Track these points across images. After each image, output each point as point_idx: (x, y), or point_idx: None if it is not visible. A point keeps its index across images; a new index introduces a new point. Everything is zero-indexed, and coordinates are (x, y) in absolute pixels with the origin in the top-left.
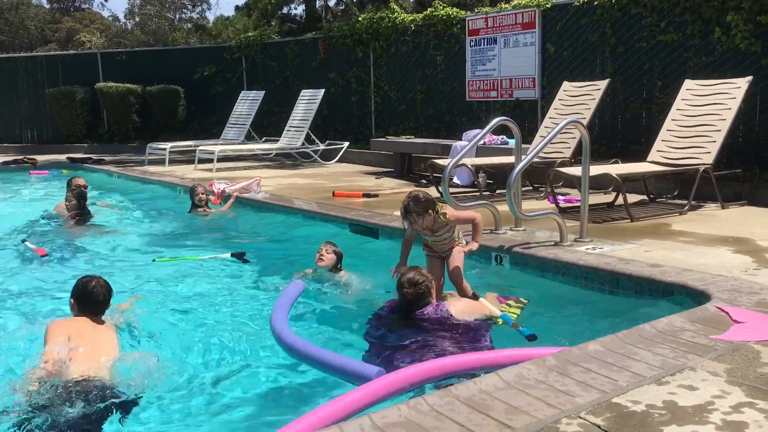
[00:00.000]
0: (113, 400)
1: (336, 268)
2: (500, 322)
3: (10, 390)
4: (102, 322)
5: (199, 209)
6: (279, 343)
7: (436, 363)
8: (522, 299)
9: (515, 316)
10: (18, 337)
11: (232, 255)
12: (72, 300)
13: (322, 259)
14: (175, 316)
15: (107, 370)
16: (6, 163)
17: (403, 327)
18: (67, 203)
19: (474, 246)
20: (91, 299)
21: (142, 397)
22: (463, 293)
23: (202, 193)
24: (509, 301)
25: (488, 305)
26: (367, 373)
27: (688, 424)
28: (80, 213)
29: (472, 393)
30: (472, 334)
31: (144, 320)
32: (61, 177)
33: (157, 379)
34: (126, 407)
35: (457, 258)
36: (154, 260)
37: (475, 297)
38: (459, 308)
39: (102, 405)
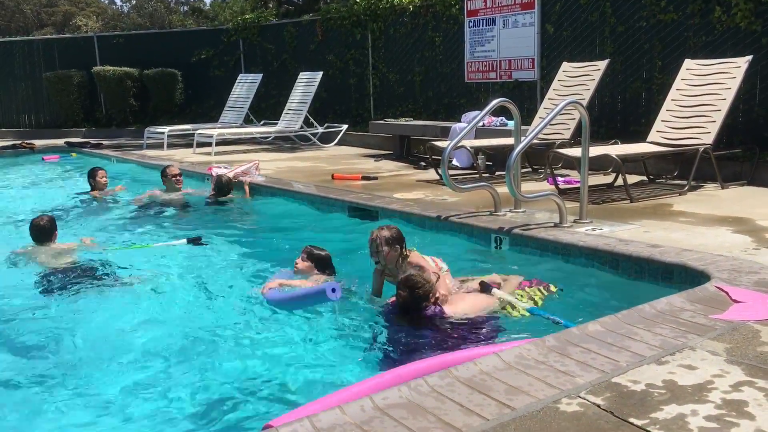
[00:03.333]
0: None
1: (317, 271)
2: (518, 314)
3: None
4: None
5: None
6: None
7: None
8: (552, 286)
9: (536, 304)
10: None
11: (188, 241)
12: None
13: (296, 266)
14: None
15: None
16: (4, 148)
17: (401, 323)
18: (160, 191)
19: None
20: (35, 230)
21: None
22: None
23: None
24: (534, 287)
25: (504, 296)
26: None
27: (687, 403)
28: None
29: (473, 374)
30: (465, 333)
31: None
32: (72, 160)
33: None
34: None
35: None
36: (104, 249)
37: (484, 289)
38: (454, 309)
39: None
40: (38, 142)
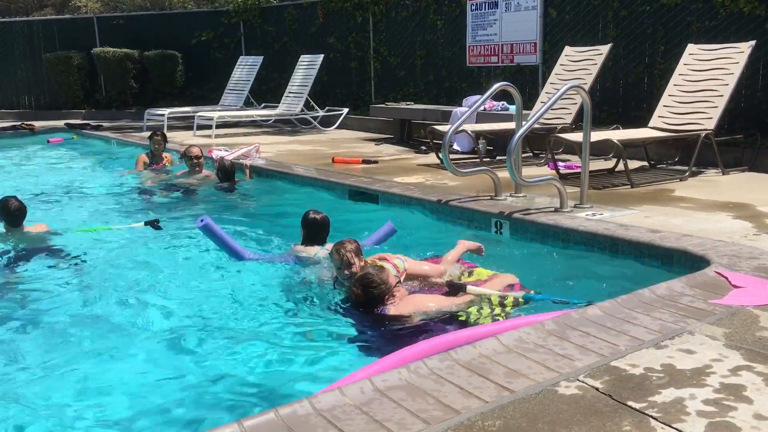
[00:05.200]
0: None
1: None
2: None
3: None
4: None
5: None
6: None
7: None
8: (521, 300)
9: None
10: None
11: (146, 223)
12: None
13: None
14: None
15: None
16: (4, 129)
17: (356, 315)
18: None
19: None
20: (11, 214)
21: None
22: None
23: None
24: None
25: (482, 291)
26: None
27: (686, 387)
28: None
29: (472, 357)
30: (408, 333)
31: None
32: (74, 143)
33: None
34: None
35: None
36: (66, 230)
37: (452, 289)
38: (399, 310)
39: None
40: (38, 124)
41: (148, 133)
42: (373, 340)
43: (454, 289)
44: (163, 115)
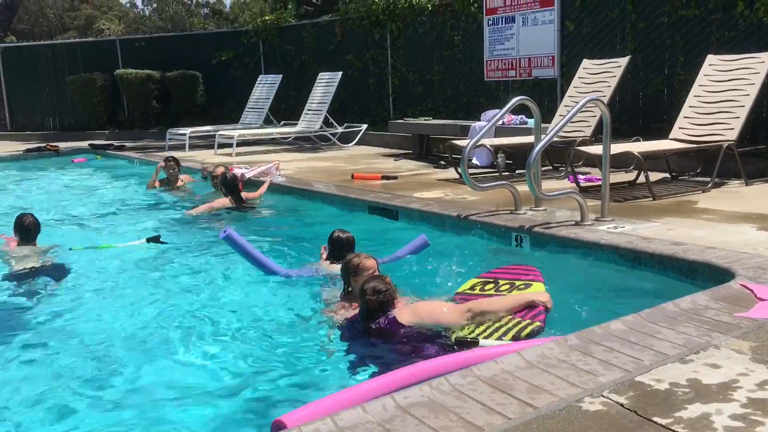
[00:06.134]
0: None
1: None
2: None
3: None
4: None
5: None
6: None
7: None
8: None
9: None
10: None
11: (148, 240)
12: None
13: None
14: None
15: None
16: (29, 150)
17: (362, 336)
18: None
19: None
20: (25, 229)
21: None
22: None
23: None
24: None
25: (490, 343)
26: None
27: (712, 402)
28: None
29: (494, 373)
30: (419, 343)
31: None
32: (98, 163)
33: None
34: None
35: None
36: (70, 248)
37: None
38: (406, 316)
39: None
40: (62, 145)
41: (171, 153)
42: (386, 353)
43: (465, 345)
44: (184, 134)
